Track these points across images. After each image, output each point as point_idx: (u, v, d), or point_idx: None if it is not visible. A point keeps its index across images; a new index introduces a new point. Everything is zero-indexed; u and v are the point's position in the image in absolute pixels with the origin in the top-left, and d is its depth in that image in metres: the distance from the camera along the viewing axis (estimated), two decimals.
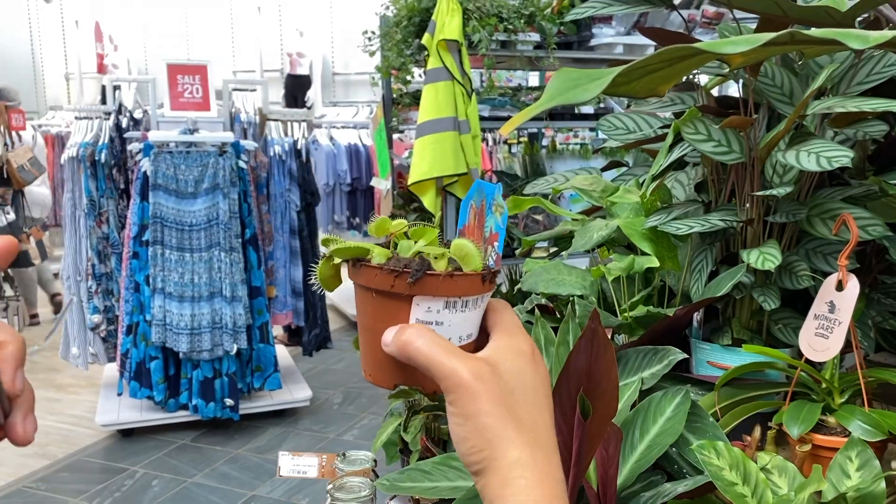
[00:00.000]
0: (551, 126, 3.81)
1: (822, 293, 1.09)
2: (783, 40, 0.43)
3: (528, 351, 0.54)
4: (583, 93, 0.39)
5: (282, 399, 4.14)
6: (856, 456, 0.84)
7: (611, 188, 1.47)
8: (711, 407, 1.16)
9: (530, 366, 0.53)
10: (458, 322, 0.55)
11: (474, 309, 0.55)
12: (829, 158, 0.99)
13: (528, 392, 0.52)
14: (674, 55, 0.40)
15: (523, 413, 0.51)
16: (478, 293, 0.54)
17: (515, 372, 0.52)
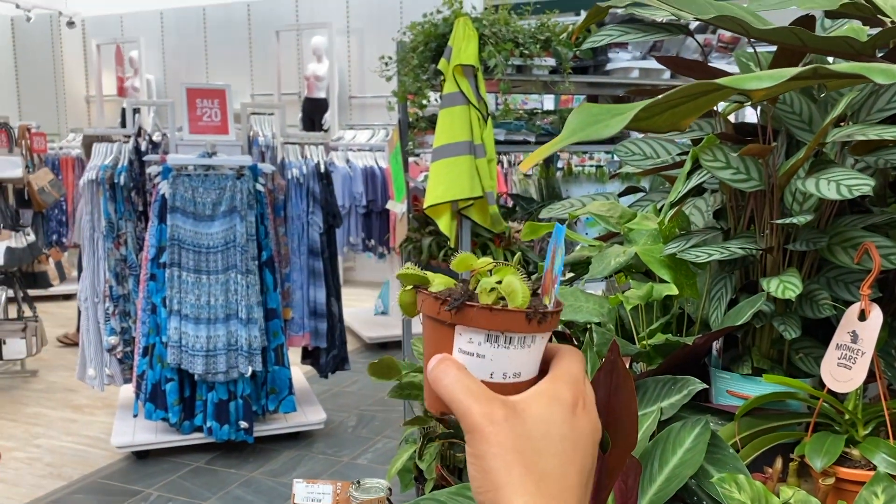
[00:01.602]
0: (566, 149, 3.82)
1: (845, 323, 1.07)
2: (807, 75, 0.43)
3: (570, 400, 0.52)
4: (604, 129, 0.39)
5: (296, 422, 4.13)
6: (882, 491, 0.82)
7: (628, 214, 1.46)
8: (731, 437, 1.14)
9: (566, 415, 0.51)
10: (502, 358, 0.54)
11: (521, 347, 0.54)
12: (850, 187, 0.98)
13: (553, 441, 0.50)
14: (696, 91, 0.40)
15: (542, 461, 0.49)
16: (522, 331, 0.53)
17: (543, 419, 0.50)
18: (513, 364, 0.54)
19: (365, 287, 8.37)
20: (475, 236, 3.03)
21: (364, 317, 6.56)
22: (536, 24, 2.84)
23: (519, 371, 0.54)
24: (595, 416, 0.54)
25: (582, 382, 0.54)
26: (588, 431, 0.53)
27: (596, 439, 0.54)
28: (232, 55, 10.05)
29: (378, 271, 7.70)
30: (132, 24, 10.64)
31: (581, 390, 0.54)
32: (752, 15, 0.79)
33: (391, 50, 3.33)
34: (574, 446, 0.51)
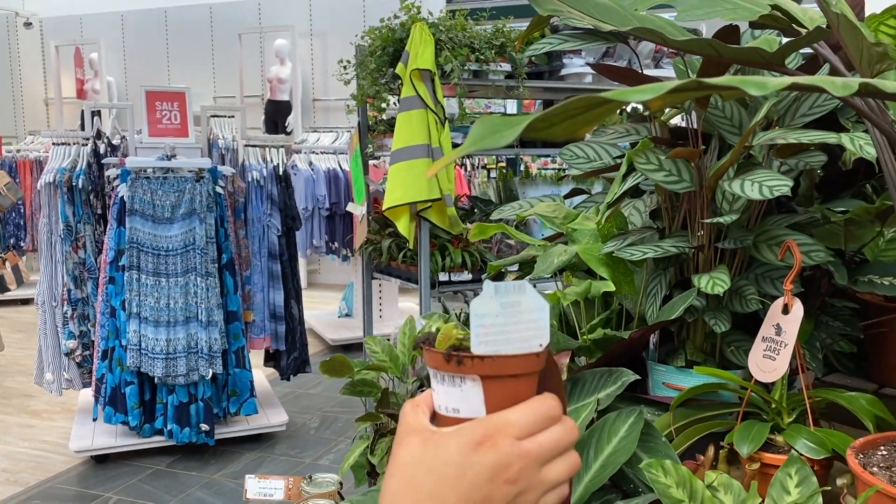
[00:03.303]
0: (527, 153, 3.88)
1: (770, 316, 1.13)
2: (689, 87, 0.48)
3: (476, 438, 0.56)
4: (500, 138, 0.43)
5: (258, 424, 4.13)
6: (795, 472, 0.88)
7: (572, 215, 1.51)
8: (667, 427, 1.20)
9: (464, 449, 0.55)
10: (443, 393, 0.59)
11: (453, 385, 0.58)
12: (771, 187, 1.04)
13: (441, 465, 0.56)
14: (586, 103, 0.44)
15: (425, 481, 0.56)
16: (445, 370, 0.58)
17: (444, 449, 0.56)
18: (449, 400, 0.59)
19: (329, 290, 8.36)
20: (434, 238, 3.07)
21: (328, 319, 6.56)
22: (492, 29, 2.90)
23: (457, 408, 0.59)
24: (509, 454, 0.55)
25: (508, 426, 0.56)
26: (487, 466, 0.55)
27: (507, 477, 0.55)
28: (194, 58, 9.97)
29: (342, 274, 7.71)
30: (92, 25, 10.50)
31: (499, 432, 0.56)
32: (672, 26, 0.84)
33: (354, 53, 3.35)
34: (459, 475, 0.55)
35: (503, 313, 0.56)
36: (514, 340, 0.57)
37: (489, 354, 0.56)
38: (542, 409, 0.57)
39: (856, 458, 0.96)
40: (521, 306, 0.57)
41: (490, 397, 0.57)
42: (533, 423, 0.56)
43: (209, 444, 3.87)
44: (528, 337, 0.57)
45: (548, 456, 0.57)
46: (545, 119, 0.44)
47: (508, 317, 0.56)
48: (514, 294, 0.57)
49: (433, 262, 3.08)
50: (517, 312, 0.57)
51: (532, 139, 3.52)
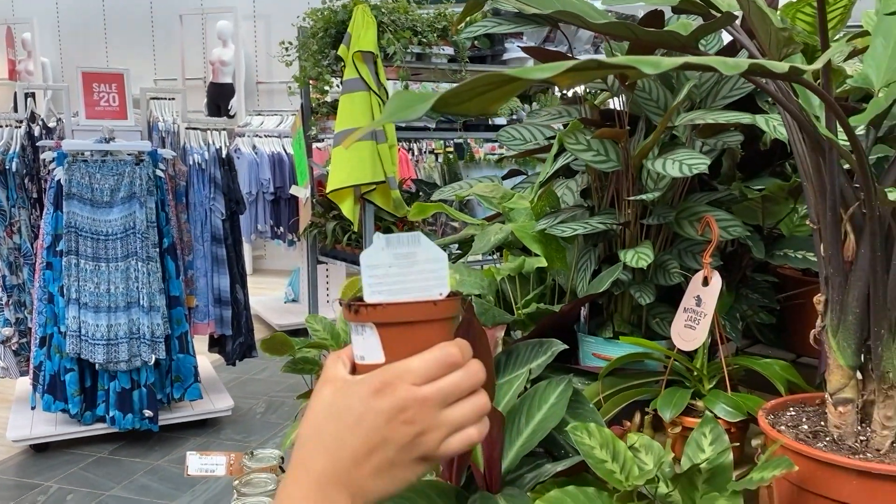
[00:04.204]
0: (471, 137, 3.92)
1: (691, 288, 1.19)
2: (589, 66, 0.51)
3: (375, 385, 0.59)
4: (412, 112, 0.46)
5: (203, 409, 4.10)
6: (709, 432, 0.94)
7: (509, 195, 1.55)
8: (596, 395, 1.25)
9: (363, 395, 0.59)
10: (354, 342, 0.63)
11: (357, 334, 0.61)
12: (690, 165, 1.10)
13: (344, 412, 0.59)
14: (493, 80, 0.48)
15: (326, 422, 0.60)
16: (350, 319, 0.61)
17: (342, 393, 0.60)
18: (357, 348, 0.62)
19: (275, 275, 8.29)
20: (378, 220, 3.09)
21: (274, 305, 6.52)
22: (434, 13, 2.92)
23: (363, 355, 0.62)
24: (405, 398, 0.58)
25: (406, 372, 0.59)
26: (384, 410, 0.58)
27: (404, 419, 0.58)
28: (133, 39, 9.72)
29: (288, 259, 7.65)
30: (24, 4, 10.12)
31: (398, 378, 0.59)
32: (593, 9, 0.88)
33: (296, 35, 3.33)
34: (359, 419, 0.59)
35: (396, 264, 0.59)
36: (411, 290, 0.59)
37: (381, 302, 0.59)
38: (441, 356, 0.59)
39: (766, 418, 1.03)
40: (417, 257, 0.59)
41: (387, 344, 0.60)
42: (431, 368, 0.59)
43: (153, 430, 3.83)
44: (427, 287, 0.59)
45: (447, 399, 0.59)
46: (455, 95, 0.48)
47: (403, 267, 0.59)
48: (408, 245, 0.59)
49: None
50: (412, 263, 0.59)
51: (476, 123, 3.57)
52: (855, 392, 0.96)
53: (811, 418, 1.03)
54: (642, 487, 0.92)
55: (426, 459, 0.60)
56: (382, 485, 0.59)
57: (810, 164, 0.94)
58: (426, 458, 0.60)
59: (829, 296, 0.97)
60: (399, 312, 0.59)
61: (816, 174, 0.94)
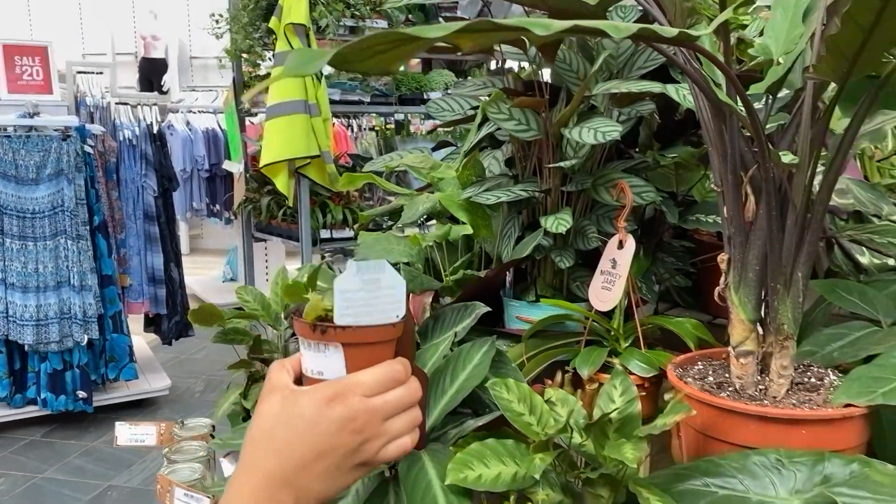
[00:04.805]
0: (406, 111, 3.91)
1: (607, 252, 1.25)
2: (483, 27, 0.54)
3: (328, 395, 0.63)
4: (309, 67, 0.48)
5: (139, 389, 4.05)
6: (619, 384, 0.99)
7: (437, 165, 1.58)
8: (519, 356, 1.30)
9: (317, 405, 0.63)
10: (309, 358, 0.66)
11: (318, 352, 0.65)
12: (604, 133, 1.14)
13: (295, 418, 0.63)
14: (390, 39, 0.50)
15: (279, 430, 0.63)
16: (311, 338, 0.65)
17: (297, 404, 0.63)
18: (315, 364, 0.66)
19: (213, 255, 8.17)
20: (314, 195, 3.09)
21: (212, 284, 6.44)
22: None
23: (321, 370, 0.66)
24: (356, 409, 0.63)
25: (357, 385, 0.64)
26: (336, 419, 0.63)
27: (353, 427, 0.63)
28: (59, 12, 9.36)
29: (226, 238, 7.54)
30: None
31: (349, 390, 0.64)
32: None
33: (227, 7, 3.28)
34: (311, 426, 0.63)
35: (364, 288, 0.64)
36: (374, 313, 0.64)
37: (350, 325, 0.64)
38: (389, 372, 0.66)
39: (675, 371, 1.09)
40: (381, 282, 0.64)
41: (350, 362, 0.65)
42: (380, 383, 0.65)
43: (87, 411, 3.77)
44: (387, 309, 0.65)
45: (391, 412, 0.66)
46: (354, 52, 0.50)
47: (369, 291, 0.64)
48: (375, 272, 0.64)
49: (314, 219, 3.10)
50: (377, 288, 0.64)
51: (411, 97, 3.58)
52: (755, 344, 1.03)
53: (717, 371, 1.10)
54: (559, 439, 0.96)
55: (365, 465, 0.66)
56: (325, 487, 0.64)
57: (713, 129, 1.00)
58: (365, 464, 0.66)
59: (732, 255, 1.03)
60: (365, 334, 0.65)
61: (719, 139, 1.00)
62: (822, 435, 0.94)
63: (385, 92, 3.40)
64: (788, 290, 0.99)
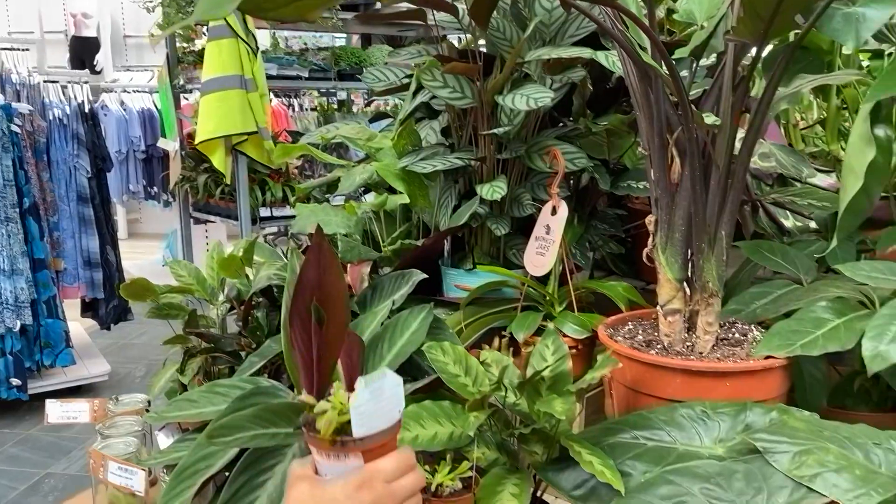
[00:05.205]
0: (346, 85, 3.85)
1: (541, 218, 1.26)
2: None
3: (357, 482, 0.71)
4: (219, 10, 0.48)
5: (77, 375, 3.94)
6: (551, 343, 1.01)
7: (374, 136, 1.58)
8: (458, 323, 1.31)
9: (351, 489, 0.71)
10: (327, 465, 0.73)
11: (338, 460, 0.72)
12: (536, 99, 1.15)
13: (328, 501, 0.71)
14: None
15: None
16: (331, 451, 0.71)
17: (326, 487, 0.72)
18: (334, 470, 0.72)
19: (152, 239, 7.96)
20: (252, 173, 3.04)
21: (151, 268, 6.28)
22: None
23: (340, 473, 0.72)
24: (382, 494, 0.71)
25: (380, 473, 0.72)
26: (365, 501, 0.71)
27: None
28: None
29: (165, 221, 7.36)
30: None
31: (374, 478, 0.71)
32: None
33: None
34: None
35: (372, 398, 0.71)
36: (382, 416, 0.72)
37: (368, 434, 0.71)
38: (405, 459, 0.75)
39: (605, 331, 1.12)
40: (384, 387, 0.72)
41: (366, 458, 0.72)
42: (399, 469, 0.73)
43: (22, 399, 3.66)
44: (392, 409, 0.73)
45: (407, 495, 0.75)
46: None
47: (376, 400, 0.72)
48: (378, 381, 0.72)
49: (253, 197, 3.06)
50: (382, 393, 0.72)
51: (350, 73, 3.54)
52: (682, 303, 1.06)
53: (646, 330, 1.13)
54: (494, 399, 0.98)
55: None
56: None
57: (640, 93, 1.02)
58: None
59: (659, 216, 1.06)
60: (381, 437, 0.72)
61: (646, 103, 1.02)
62: (745, 386, 0.98)
63: (324, 67, 3.36)
64: (713, 248, 1.02)
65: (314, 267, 0.89)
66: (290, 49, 3.31)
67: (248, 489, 0.94)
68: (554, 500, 1.04)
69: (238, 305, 1.45)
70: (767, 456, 0.83)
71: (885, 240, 1.08)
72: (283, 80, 3.29)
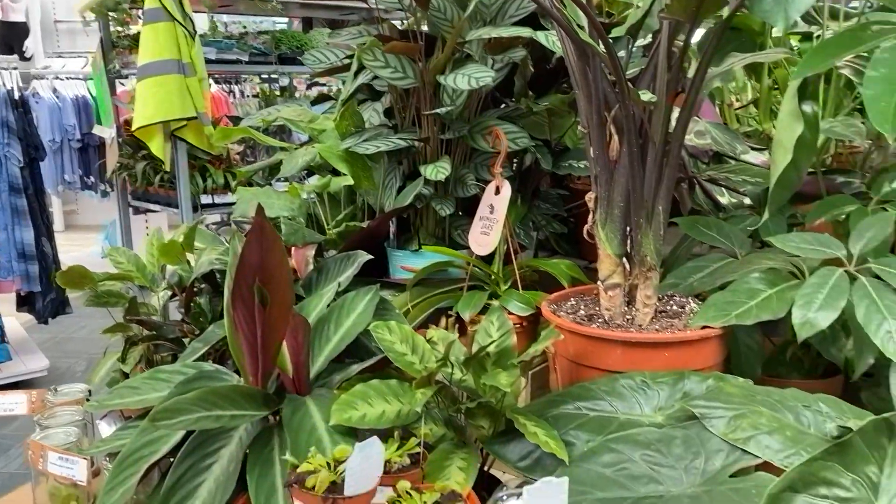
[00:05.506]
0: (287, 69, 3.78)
1: (485, 198, 1.27)
2: None
3: None
4: None
5: (13, 371, 3.82)
6: (496, 319, 1.03)
7: (316, 117, 1.56)
8: (405, 304, 1.32)
9: None
10: None
11: None
12: (478, 78, 1.16)
13: None
14: None
15: None
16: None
17: None
18: None
19: (90, 231, 7.75)
20: (193, 159, 2.98)
21: (90, 260, 6.10)
22: None
23: None
24: None
25: None
26: None
27: None
28: None
29: (103, 212, 7.17)
30: None
31: None
32: None
33: None
34: None
35: (363, 462, 0.78)
36: (367, 477, 0.78)
37: (357, 494, 0.77)
38: None
39: (549, 307, 1.14)
40: (371, 453, 0.78)
41: None
42: None
43: None
44: (375, 468, 0.79)
45: None
46: None
47: (365, 462, 0.78)
48: (369, 447, 0.78)
49: (194, 184, 2.99)
50: (369, 456, 0.78)
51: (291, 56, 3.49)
52: (622, 277, 1.09)
53: (588, 305, 1.15)
54: (441, 376, 0.99)
55: None
56: None
57: (578, 71, 1.03)
58: None
59: (599, 193, 1.08)
60: (367, 497, 0.79)
61: (584, 81, 1.03)
62: (683, 356, 1.01)
63: (264, 51, 3.30)
64: (650, 223, 1.05)
65: (256, 248, 0.89)
66: (230, 33, 3.24)
67: (193, 473, 0.93)
68: (501, 476, 1.06)
69: (180, 292, 1.43)
70: (704, 421, 0.86)
71: (813, 213, 1.12)
72: (223, 65, 3.23)
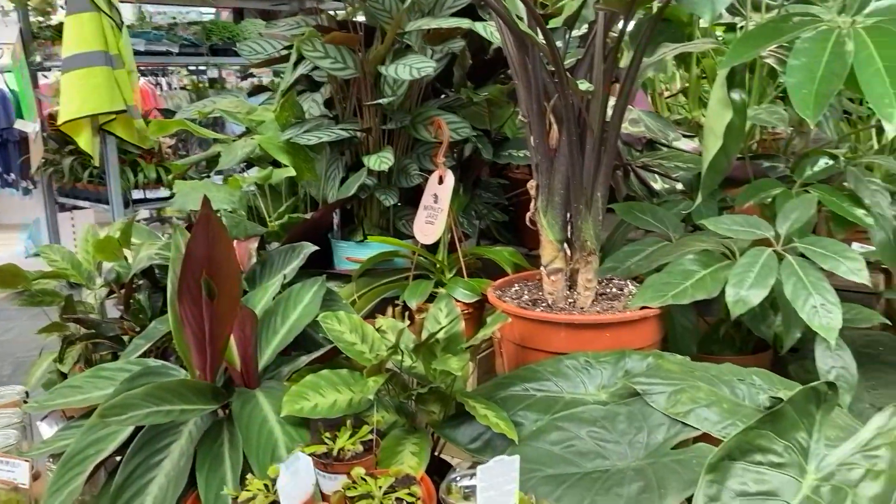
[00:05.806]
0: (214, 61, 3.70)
1: (428, 188, 1.29)
2: None
3: None
4: None
5: None
6: (444, 306, 1.04)
7: (254, 109, 1.55)
8: (351, 295, 1.32)
9: None
10: None
11: None
12: (419, 69, 1.17)
13: None
14: None
15: None
16: None
17: None
18: None
19: (12, 230, 7.43)
20: (123, 153, 2.89)
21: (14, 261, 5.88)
22: None
23: None
24: None
25: None
26: None
27: None
28: None
29: (26, 210, 6.88)
30: None
31: None
32: None
33: None
34: None
35: (293, 478, 0.79)
36: (304, 488, 0.80)
37: None
38: None
39: (494, 293, 1.17)
40: (300, 468, 0.80)
41: None
42: None
43: None
44: (307, 484, 0.81)
45: None
46: None
47: (295, 478, 0.79)
48: (294, 463, 0.80)
49: (124, 179, 2.91)
50: (297, 473, 0.80)
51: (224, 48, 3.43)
52: (563, 262, 1.12)
53: (531, 290, 1.18)
54: (391, 364, 1.00)
55: None
56: None
57: (518, 61, 1.06)
58: None
59: (539, 181, 1.11)
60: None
61: (523, 71, 1.06)
62: (624, 336, 1.04)
63: (195, 42, 3.22)
64: (590, 210, 1.08)
65: (203, 240, 0.88)
66: (158, 24, 3.15)
67: (143, 469, 0.92)
68: (451, 460, 1.08)
69: (118, 289, 1.40)
70: (646, 397, 0.90)
71: (742, 197, 1.17)
72: (153, 56, 3.15)
